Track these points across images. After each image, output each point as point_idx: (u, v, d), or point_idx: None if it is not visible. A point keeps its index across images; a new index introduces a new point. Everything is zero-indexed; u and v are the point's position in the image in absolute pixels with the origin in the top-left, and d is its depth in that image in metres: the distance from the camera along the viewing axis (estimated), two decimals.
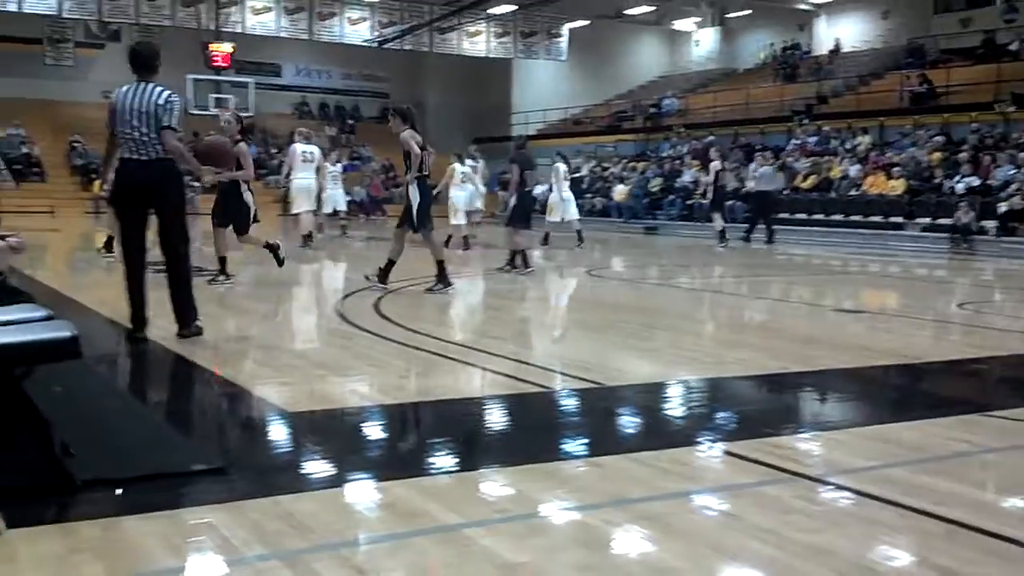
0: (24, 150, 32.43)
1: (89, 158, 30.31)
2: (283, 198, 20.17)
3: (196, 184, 19.36)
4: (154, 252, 6.83)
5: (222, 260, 10.62)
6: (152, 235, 6.80)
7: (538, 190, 33.47)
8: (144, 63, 6.75)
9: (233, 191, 10.62)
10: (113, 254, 13.00)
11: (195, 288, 6.98)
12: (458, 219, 17.35)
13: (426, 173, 10.15)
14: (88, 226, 22.37)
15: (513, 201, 12.80)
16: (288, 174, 16.81)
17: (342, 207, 19.45)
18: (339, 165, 19.86)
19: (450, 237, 17.34)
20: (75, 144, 32.66)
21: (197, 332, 6.78)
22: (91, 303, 8.83)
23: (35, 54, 34.79)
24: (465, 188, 17.57)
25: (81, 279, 11.68)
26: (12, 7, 29.55)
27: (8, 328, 3.72)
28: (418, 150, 9.86)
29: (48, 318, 4.04)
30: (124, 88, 6.68)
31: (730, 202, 24.41)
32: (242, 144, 10.74)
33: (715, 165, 21.21)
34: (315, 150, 17.26)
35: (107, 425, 4.54)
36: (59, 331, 3.68)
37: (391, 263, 10.24)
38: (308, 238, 16.53)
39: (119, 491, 3.55)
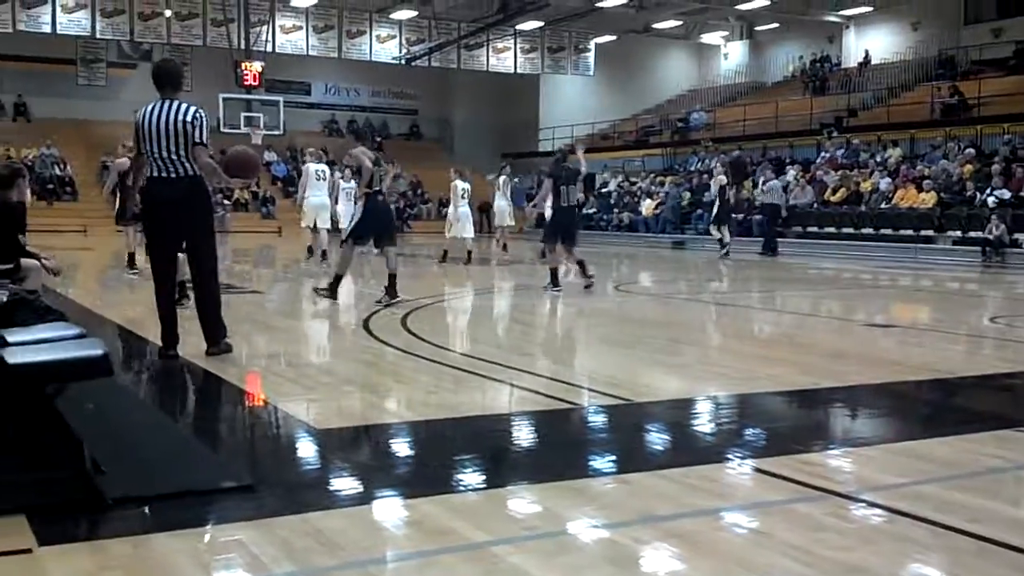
0: (57, 170, 32.85)
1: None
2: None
3: (227, 202, 19.78)
4: (184, 270, 6.89)
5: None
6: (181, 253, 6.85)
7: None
8: (168, 80, 6.71)
9: None
10: (136, 270, 13.11)
11: (224, 306, 7.02)
12: (454, 232, 17.78)
13: (377, 189, 10.35)
14: (120, 245, 22.58)
15: (548, 216, 12.51)
16: (303, 192, 17.39)
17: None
18: (352, 182, 20.20)
19: (445, 252, 18.02)
20: (107, 163, 33.05)
21: (227, 349, 6.82)
22: (122, 321, 8.91)
23: (68, 74, 35.36)
24: (466, 204, 18.07)
25: (112, 297, 11.80)
26: (46, 28, 30.00)
27: (41, 346, 3.77)
28: (369, 165, 10.14)
29: (80, 336, 4.08)
30: (149, 106, 6.65)
31: (759, 216, 24.36)
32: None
33: (720, 180, 21.87)
34: (327, 169, 17.89)
35: (137, 442, 4.57)
36: (91, 349, 3.72)
37: (392, 277, 10.49)
38: (323, 256, 16.99)
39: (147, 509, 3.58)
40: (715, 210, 22.14)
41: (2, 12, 29.22)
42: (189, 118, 6.53)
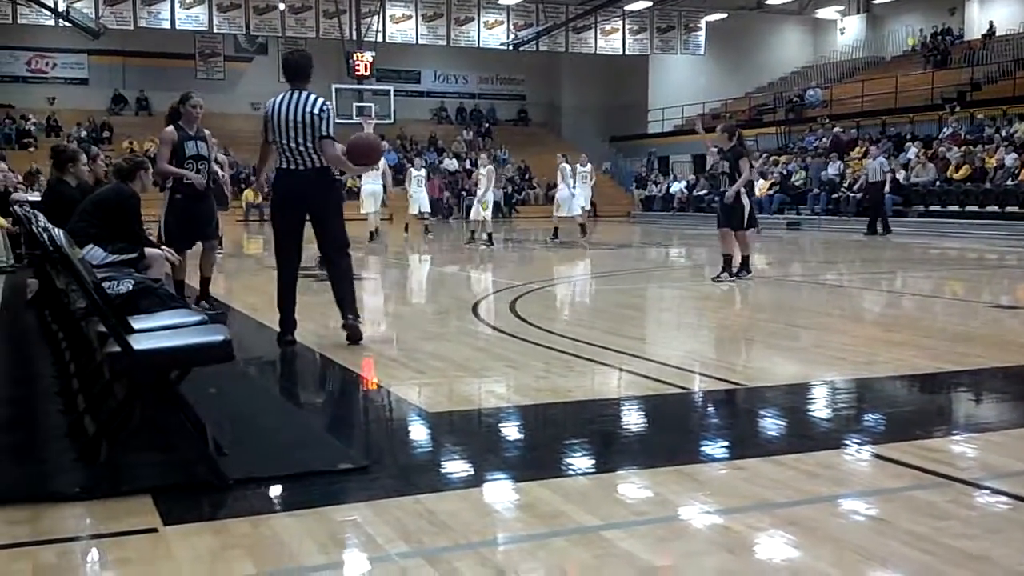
0: None
1: (239, 168, 31.56)
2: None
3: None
4: (303, 258, 7.04)
5: (203, 282, 8.86)
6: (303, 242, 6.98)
7: (675, 187, 33.13)
8: (297, 71, 6.79)
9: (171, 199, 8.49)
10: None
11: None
12: (483, 215, 18.65)
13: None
14: (239, 234, 23.27)
15: (746, 201, 11.42)
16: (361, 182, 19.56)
17: (426, 208, 21.46)
18: (424, 170, 21.93)
19: (473, 233, 19.34)
20: (225, 155, 34.05)
21: (357, 333, 6.83)
22: (242, 307, 9.17)
23: (187, 69, 36.63)
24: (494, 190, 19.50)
25: (232, 284, 12.15)
26: (165, 24, 31.09)
27: (165, 333, 3.90)
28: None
29: (202, 323, 4.22)
30: (278, 97, 6.75)
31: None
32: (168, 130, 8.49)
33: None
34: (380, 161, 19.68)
35: (257, 425, 4.70)
36: (213, 335, 3.83)
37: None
38: (373, 234, 19.04)
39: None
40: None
41: (124, 10, 30.37)
42: (316, 110, 6.61)
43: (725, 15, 37.41)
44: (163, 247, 7.22)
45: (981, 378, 5.97)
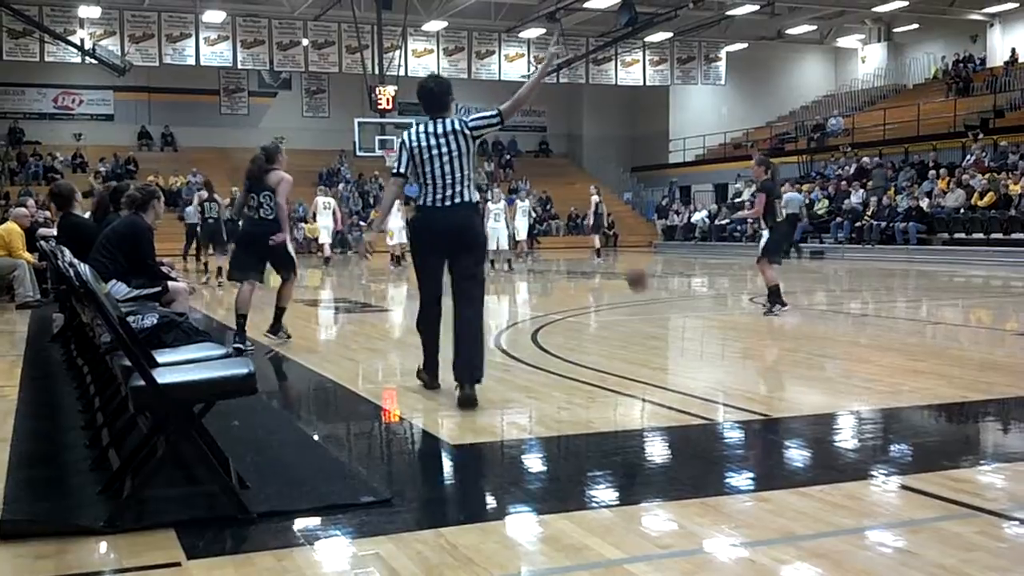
0: None
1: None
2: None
3: (363, 223, 22.55)
4: (324, 293, 7.06)
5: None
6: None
7: (696, 217, 33.12)
8: (437, 103, 6.18)
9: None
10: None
11: (359, 323, 7.15)
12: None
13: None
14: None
15: (765, 233, 11.32)
16: (313, 217, 24.23)
17: (403, 240, 23.30)
18: (502, 202, 23.40)
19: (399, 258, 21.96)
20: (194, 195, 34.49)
21: (474, 402, 5.87)
22: (266, 341, 9.19)
23: (212, 104, 37.11)
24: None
25: (256, 317, 12.19)
26: (190, 61, 31.49)
27: (189, 366, 3.93)
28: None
29: (226, 356, 4.24)
30: (420, 128, 6.14)
31: (904, 224, 23.57)
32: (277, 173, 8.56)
33: (595, 199, 25.96)
34: (332, 201, 23.98)
35: (280, 458, 4.70)
36: (236, 368, 3.85)
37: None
38: (327, 261, 23.49)
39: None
40: (592, 222, 26.24)
41: (149, 47, 30.82)
42: (467, 130, 6.10)
43: (745, 45, 37.53)
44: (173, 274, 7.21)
45: (1008, 407, 5.91)
